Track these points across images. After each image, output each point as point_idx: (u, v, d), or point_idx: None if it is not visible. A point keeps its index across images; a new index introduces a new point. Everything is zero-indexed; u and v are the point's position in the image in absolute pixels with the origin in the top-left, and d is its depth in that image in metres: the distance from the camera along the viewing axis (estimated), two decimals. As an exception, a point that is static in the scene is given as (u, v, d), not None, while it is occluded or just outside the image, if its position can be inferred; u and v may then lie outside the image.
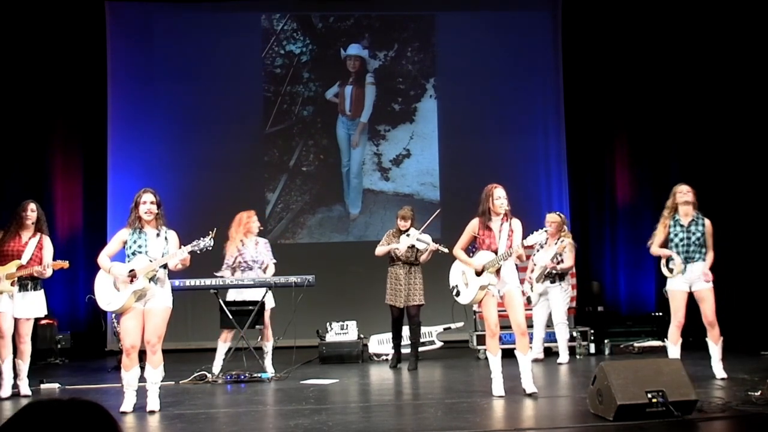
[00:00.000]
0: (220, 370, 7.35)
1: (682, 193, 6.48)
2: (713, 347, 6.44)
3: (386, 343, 8.66)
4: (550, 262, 8.01)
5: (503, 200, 5.82)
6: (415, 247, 7.81)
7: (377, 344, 8.82)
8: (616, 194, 10.89)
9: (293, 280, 7.41)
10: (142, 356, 5.73)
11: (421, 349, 8.29)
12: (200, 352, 9.64)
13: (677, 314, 6.40)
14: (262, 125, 10.99)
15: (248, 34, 11.04)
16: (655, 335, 8.84)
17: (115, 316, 8.11)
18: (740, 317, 9.15)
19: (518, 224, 5.84)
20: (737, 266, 9.32)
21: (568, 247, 8.04)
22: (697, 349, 7.22)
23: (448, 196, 10.76)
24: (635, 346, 8.65)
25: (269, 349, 7.63)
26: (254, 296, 7.49)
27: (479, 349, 8.67)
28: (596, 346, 8.74)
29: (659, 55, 10.52)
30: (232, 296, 7.62)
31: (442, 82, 11.12)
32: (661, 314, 9.38)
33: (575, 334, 8.50)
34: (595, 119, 10.88)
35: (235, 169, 10.74)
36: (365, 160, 11.06)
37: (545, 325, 8.21)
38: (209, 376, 7.14)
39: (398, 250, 7.76)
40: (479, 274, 5.80)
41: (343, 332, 8.65)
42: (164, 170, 10.37)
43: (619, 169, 10.92)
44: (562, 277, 8.09)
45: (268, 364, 7.49)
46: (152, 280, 5.52)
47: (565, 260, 8.04)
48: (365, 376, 7.70)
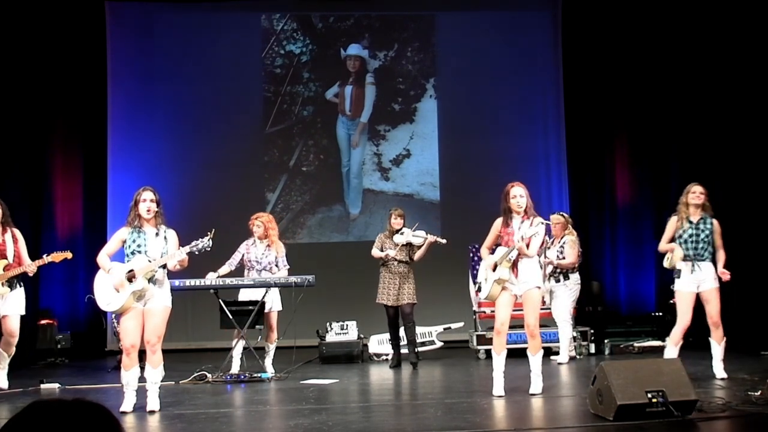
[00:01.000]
0: (239, 367, 7.38)
1: (694, 194, 6.44)
2: (716, 347, 6.43)
3: (386, 343, 8.66)
4: (551, 258, 8.06)
5: (519, 199, 5.82)
6: (408, 245, 7.83)
7: (377, 344, 8.83)
8: (616, 194, 10.89)
9: (293, 280, 7.42)
10: (142, 356, 5.73)
11: (421, 349, 8.30)
12: (200, 352, 9.66)
13: (684, 317, 6.33)
14: (262, 125, 10.99)
15: (248, 34, 11.04)
16: (655, 335, 8.84)
17: (114, 316, 8.11)
18: (741, 317, 9.15)
19: (539, 222, 5.84)
20: (737, 266, 9.27)
21: (569, 243, 8.08)
22: (697, 349, 7.22)
23: (448, 196, 10.77)
24: (635, 346, 8.65)
25: (271, 349, 7.63)
26: (261, 296, 7.50)
27: (479, 349, 8.68)
28: (596, 346, 8.74)
29: (659, 54, 10.52)
30: (243, 296, 7.67)
31: (442, 82, 11.12)
32: (661, 314, 9.39)
33: (575, 334, 8.50)
34: (595, 119, 10.88)
35: (235, 169, 10.74)
36: (365, 160, 11.06)
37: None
38: (209, 376, 7.13)
39: (389, 255, 7.80)
40: (495, 269, 5.84)
41: (343, 332, 8.65)
42: (164, 170, 10.36)
43: (619, 169, 10.92)
44: (566, 275, 8.12)
45: (268, 364, 7.49)
46: (151, 280, 5.52)
47: (566, 256, 8.08)
48: (365, 376, 7.70)
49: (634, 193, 10.82)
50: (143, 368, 5.65)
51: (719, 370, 6.38)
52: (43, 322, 9.41)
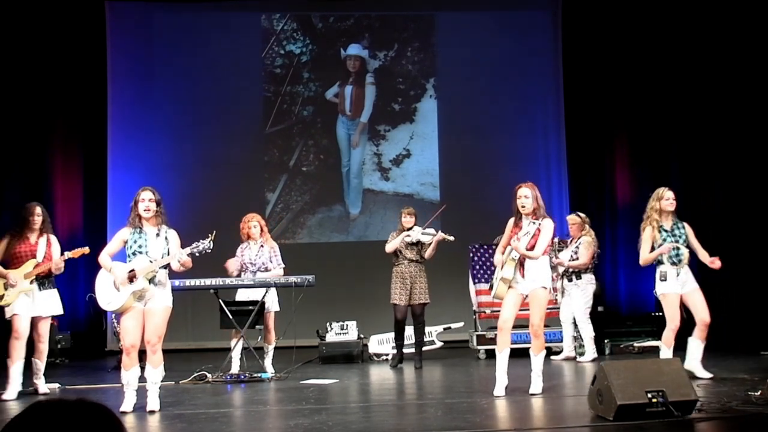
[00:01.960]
0: (239, 367, 7.39)
1: (668, 201, 6.48)
2: (699, 347, 6.41)
3: (386, 343, 8.67)
4: (561, 259, 8.10)
5: (524, 200, 5.83)
6: (419, 243, 7.85)
7: (377, 344, 8.82)
8: (616, 194, 10.90)
9: (293, 280, 7.42)
10: (142, 356, 5.73)
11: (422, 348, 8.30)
12: (200, 352, 9.66)
13: (674, 319, 6.37)
14: (262, 125, 10.99)
15: (248, 34, 11.04)
16: (655, 335, 8.82)
17: (115, 315, 8.12)
18: (740, 317, 9.16)
19: (548, 223, 5.84)
20: (737, 266, 9.31)
21: (584, 243, 8.13)
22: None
23: (448, 196, 10.76)
24: (635, 346, 8.66)
25: (270, 349, 7.64)
26: (261, 296, 7.51)
27: (479, 349, 8.69)
28: (596, 346, 8.73)
29: (659, 55, 10.52)
30: (240, 296, 7.69)
31: (442, 82, 11.12)
32: (661, 314, 9.37)
33: (575, 334, 8.51)
34: (595, 119, 10.88)
35: (235, 169, 10.74)
36: (365, 160, 11.06)
37: (571, 323, 8.29)
38: (209, 376, 7.13)
39: (409, 238, 7.80)
40: (502, 268, 5.87)
41: (343, 332, 8.65)
42: (164, 170, 10.36)
43: (619, 169, 10.92)
44: (579, 275, 8.15)
45: (268, 364, 7.49)
46: (151, 281, 5.52)
47: (580, 257, 8.14)
48: (365, 376, 7.70)
49: (634, 193, 10.80)
50: (143, 368, 5.65)
51: (701, 369, 6.37)
52: (43, 321, 9.40)
